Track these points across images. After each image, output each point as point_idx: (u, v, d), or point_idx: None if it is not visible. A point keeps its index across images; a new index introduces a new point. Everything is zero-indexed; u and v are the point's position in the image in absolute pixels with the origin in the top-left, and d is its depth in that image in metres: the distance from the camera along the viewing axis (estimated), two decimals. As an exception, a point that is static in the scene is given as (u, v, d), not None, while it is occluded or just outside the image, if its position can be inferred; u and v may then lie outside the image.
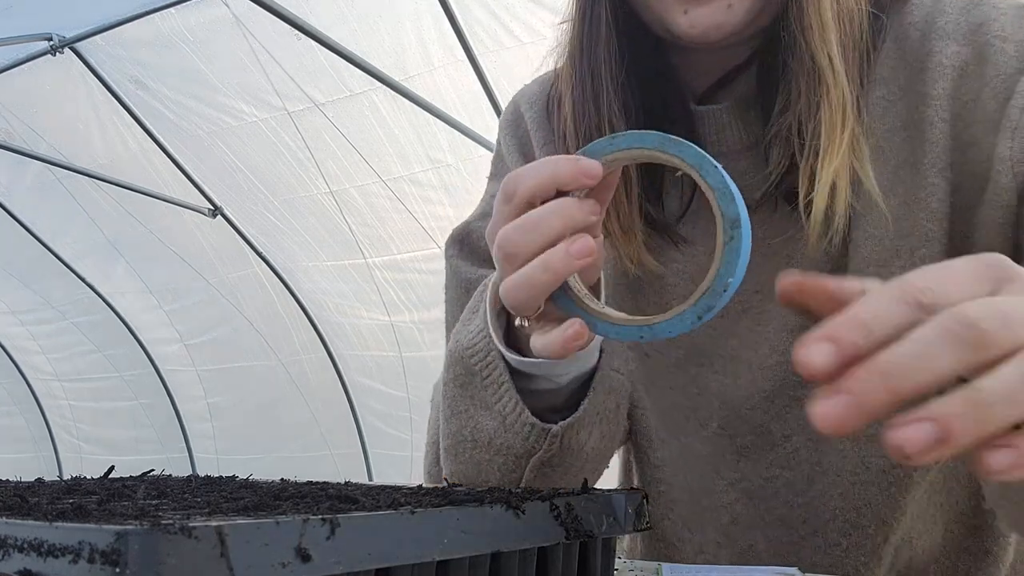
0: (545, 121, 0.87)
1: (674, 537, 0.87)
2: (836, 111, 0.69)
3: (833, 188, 0.70)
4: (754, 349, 0.80)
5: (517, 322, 0.61)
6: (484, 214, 0.89)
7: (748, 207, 0.57)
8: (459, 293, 0.86)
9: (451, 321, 0.87)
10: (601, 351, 0.71)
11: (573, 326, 0.53)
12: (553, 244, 0.52)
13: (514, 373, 0.68)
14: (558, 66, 0.83)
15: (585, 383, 0.71)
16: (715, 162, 0.50)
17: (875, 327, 0.36)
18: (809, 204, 0.70)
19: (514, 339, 0.68)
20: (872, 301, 0.37)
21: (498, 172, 0.93)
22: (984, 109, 0.72)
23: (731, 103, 0.78)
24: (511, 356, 0.66)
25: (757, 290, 0.79)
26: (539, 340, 0.56)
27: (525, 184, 0.53)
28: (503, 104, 3.90)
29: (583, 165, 0.52)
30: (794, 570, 0.72)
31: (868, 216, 0.74)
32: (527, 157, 0.88)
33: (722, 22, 0.70)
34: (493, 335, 0.67)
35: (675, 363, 0.84)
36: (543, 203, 0.54)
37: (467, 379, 0.71)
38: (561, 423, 0.69)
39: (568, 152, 0.69)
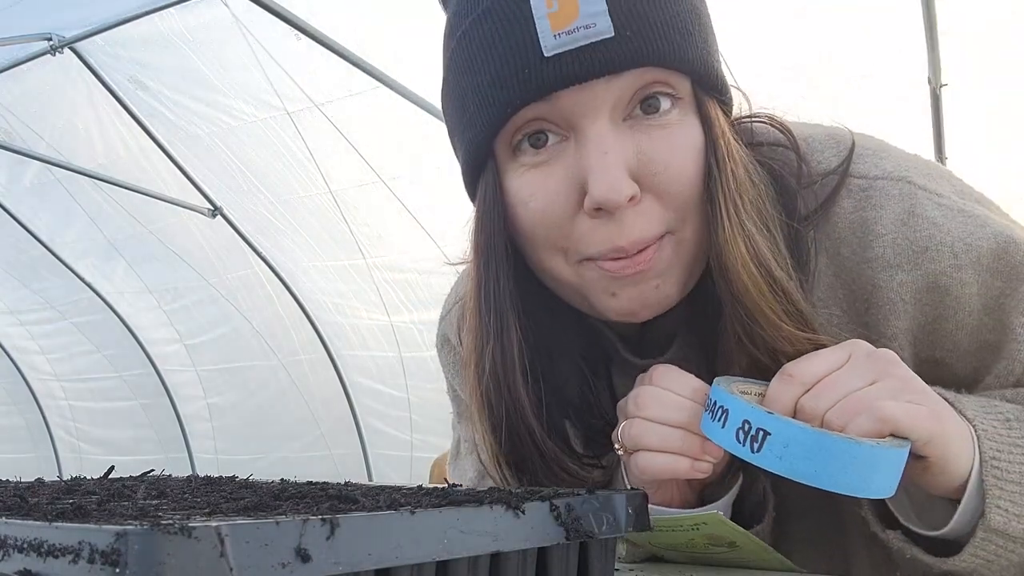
0: None
1: None
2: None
3: None
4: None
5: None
6: (481, 475, 0.90)
7: None
8: None
9: None
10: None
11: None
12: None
13: None
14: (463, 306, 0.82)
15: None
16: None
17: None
18: None
19: None
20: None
21: (464, 413, 0.93)
22: (952, 338, 0.72)
23: (675, 349, 0.77)
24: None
25: None
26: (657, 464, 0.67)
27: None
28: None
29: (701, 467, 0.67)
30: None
31: None
32: None
33: (652, 303, 0.70)
34: None
35: None
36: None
37: None
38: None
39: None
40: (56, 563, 0.34)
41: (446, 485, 0.60)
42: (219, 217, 5.08)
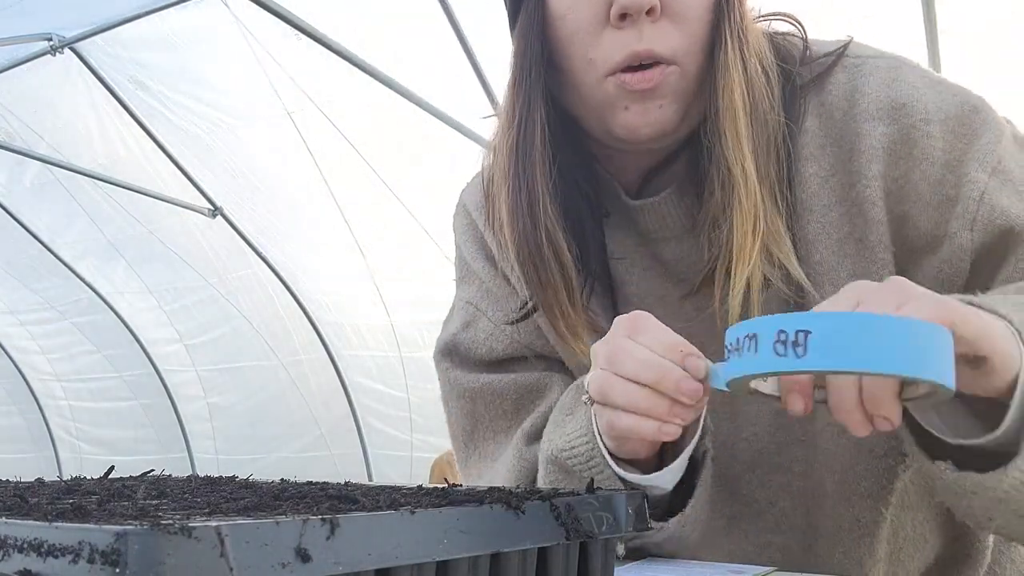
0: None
1: None
2: (748, 219, 0.75)
3: (747, 290, 0.76)
4: (731, 421, 0.83)
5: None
6: (467, 324, 0.97)
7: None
8: (464, 403, 0.95)
9: (462, 430, 0.96)
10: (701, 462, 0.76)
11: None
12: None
13: None
14: (488, 164, 0.89)
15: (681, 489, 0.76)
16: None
17: None
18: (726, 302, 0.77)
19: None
20: None
21: (465, 276, 1.00)
22: (916, 189, 0.79)
23: (669, 192, 0.83)
24: (613, 464, 0.72)
25: None
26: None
27: (630, 367, 0.66)
28: (503, 104, 3.91)
29: (686, 389, 0.64)
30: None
31: (806, 302, 0.78)
32: (492, 261, 0.95)
33: (654, 120, 0.77)
34: (600, 444, 0.73)
35: None
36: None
37: (564, 478, 0.77)
38: (676, 519, 0.74)
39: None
40: (56, 563, 0.34)
41: (446, 485, 0.60)
42: (219, 217, 5.08)
